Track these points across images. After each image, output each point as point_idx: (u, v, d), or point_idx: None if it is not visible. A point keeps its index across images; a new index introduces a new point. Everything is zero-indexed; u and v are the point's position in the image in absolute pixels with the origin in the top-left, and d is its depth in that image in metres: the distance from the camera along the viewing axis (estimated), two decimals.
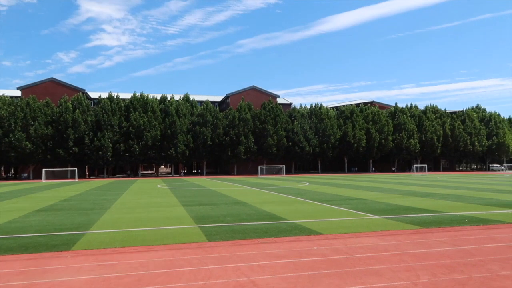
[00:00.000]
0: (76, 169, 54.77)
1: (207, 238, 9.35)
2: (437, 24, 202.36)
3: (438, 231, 10.15)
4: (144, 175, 69.43)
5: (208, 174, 70.12)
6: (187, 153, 63.89)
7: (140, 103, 64.11)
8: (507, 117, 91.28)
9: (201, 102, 73.09)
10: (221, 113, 69.40)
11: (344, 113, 75.19)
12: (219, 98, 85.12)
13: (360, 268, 6.61)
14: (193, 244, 8.71)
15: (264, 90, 77.92)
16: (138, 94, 66.12)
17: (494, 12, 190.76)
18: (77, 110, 59.61)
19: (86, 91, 69.49)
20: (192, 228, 10.86)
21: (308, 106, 77.92)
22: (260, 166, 62.10)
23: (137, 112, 62.42)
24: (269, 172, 62.77)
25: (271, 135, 66.81)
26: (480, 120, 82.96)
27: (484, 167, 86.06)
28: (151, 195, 23.58)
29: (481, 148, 78.98)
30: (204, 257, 7.48)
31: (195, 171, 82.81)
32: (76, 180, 51.47)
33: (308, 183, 34.76)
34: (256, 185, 33.10)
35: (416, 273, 6.29)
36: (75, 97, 62.08)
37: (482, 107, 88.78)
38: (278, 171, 63.23)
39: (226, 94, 78.59)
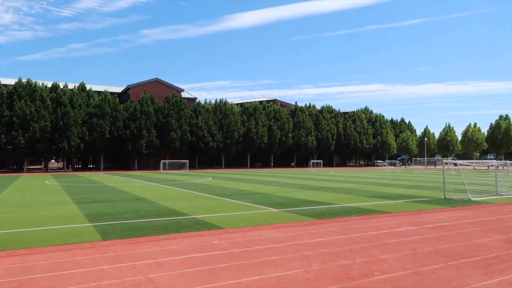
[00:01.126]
0: None
1: (102, 237, 8.81)
2: (333, 31, 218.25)
3: (329, 221, 10.97)
4: (30, 171, 62.73)
5: (105, 169, 66.08)
6: (82, 146, 59.39)
7: (26, 90, 57.61)
8: (390, 118, 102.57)
9: (99, 92, 68.48)
10: (121, 105, 65.89)
11: (248, 110, 76.98)
12: (119, 89, 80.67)
13: (258, 260, 6.83)
14: (85, 244, 8.13)
15: (168, 83, 75.98)
16: (24, 80, 59.34)
17: (381, 24, 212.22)
18: None
19: None
20: (85, 227, 10.13)
21: (213, 102, 78.21)
22: (162, 161, 60.45)
23: (22, 101, 55.99)
24: (172, 167, 61.50)
25: (175, 130, 65.48)
26: (367, 121, 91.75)
27: (370, 163, 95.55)
28: (38, 192, 21.41)
29: (368, 146, 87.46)
30: (97, 257, 7.03)
31: (91, 166, 77.42)
32: None
33: (211, 178, 34.87)
34: (157, 180, 32.17)
35: (308, 262, 6.72)
36: None
37: (370, 109, 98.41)
38: (181, 166, 62.26)
39: (127, 85, 74.84)
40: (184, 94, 78.18)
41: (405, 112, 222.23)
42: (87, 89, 65.74)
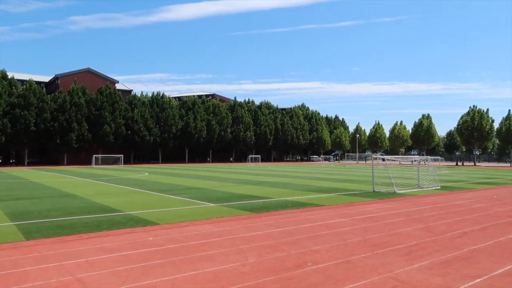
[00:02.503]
0: None
1: (25, 237, 8.20)
2: (272, 28, 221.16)
3: (266, 215, 11.17)
4: None
5: (31, 164, 61.44)
6: (3, 139, 54.65)
7: None
8: (325, 115, 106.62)
9: (23, 81, 63.34)
10: (49, 96, 61.56)
11: (186, 104, 75.77)
12: (46, 79, 75.31)
13: (194, 255, 6.78)
14: (6, 245, 7.51)
15: (101, 74, 72.41)
16: None
17: (317, 24, 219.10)
18: None
19: None
20: (5, 227, 9.35)
21: (150, 95, 75.86)
22: (95, 155, 57.58)
23: None
24: (105, 162, 58.81)
25: (108, 123, 62.61)
26: (304, 117, 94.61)
27: (306, 158, 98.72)
28: None
29: (304, 141, 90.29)
30: (20, 258, 6.53)
31: (12, 161, 71.57)
32: None
33: (147, 173, 33.89)
34: (89, 176, 30.59)
35: (244, 255, 6.79)
36: None
37: (306, 106, 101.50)
38: (115, 161, 59.77)
39: (56, 75, 70.16)
40: (118, 86, 75.00)
41: (339, 109, 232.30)
42: (9, 77, 60.45)
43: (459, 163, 71.26)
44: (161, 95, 74.43)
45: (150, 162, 72.26)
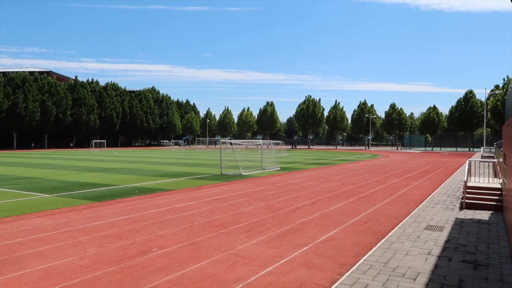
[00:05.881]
0: None
1: None
2: (117, 4, 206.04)
3: (110, 203, 10.52)
4: None
5: None
6: None
7: None
8: (176, 99, 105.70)
9: None
10: None
11: (14, 81, 65.29)
12: None
13: (20, 254, 5.95)
14: None
15: None
16: None
17: (165, 6, 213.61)
18: None
19: None
20: None
21: None
22: None
23: None
24: None
25: None
26: (154, 101, 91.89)
27: (156, 143, 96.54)
28: None
29: (154, 125, 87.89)
30: None
31: None
32: None
33: None
34: None
35: (83, 247, 6.27)
36: None
37: (157, 89, 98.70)
38: None
39: None
40: None
41: (190, 94, 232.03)
42: None
43: (294, 147, 79.73)
44: None
45: None
